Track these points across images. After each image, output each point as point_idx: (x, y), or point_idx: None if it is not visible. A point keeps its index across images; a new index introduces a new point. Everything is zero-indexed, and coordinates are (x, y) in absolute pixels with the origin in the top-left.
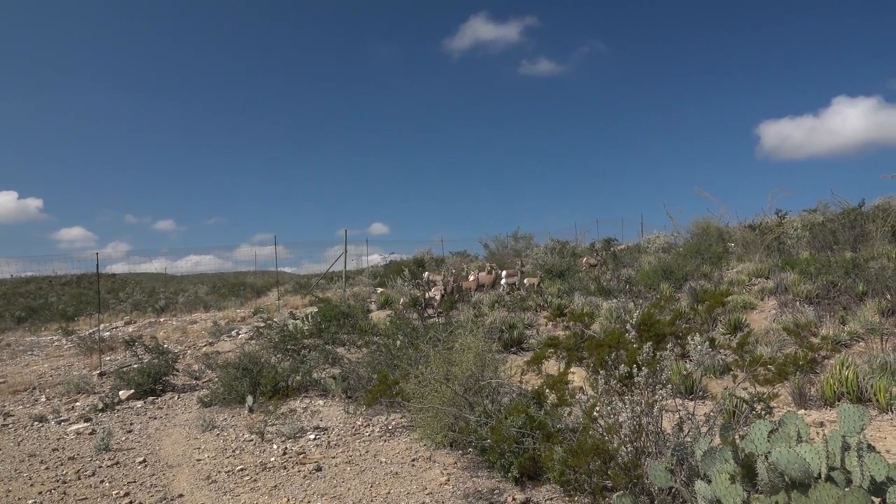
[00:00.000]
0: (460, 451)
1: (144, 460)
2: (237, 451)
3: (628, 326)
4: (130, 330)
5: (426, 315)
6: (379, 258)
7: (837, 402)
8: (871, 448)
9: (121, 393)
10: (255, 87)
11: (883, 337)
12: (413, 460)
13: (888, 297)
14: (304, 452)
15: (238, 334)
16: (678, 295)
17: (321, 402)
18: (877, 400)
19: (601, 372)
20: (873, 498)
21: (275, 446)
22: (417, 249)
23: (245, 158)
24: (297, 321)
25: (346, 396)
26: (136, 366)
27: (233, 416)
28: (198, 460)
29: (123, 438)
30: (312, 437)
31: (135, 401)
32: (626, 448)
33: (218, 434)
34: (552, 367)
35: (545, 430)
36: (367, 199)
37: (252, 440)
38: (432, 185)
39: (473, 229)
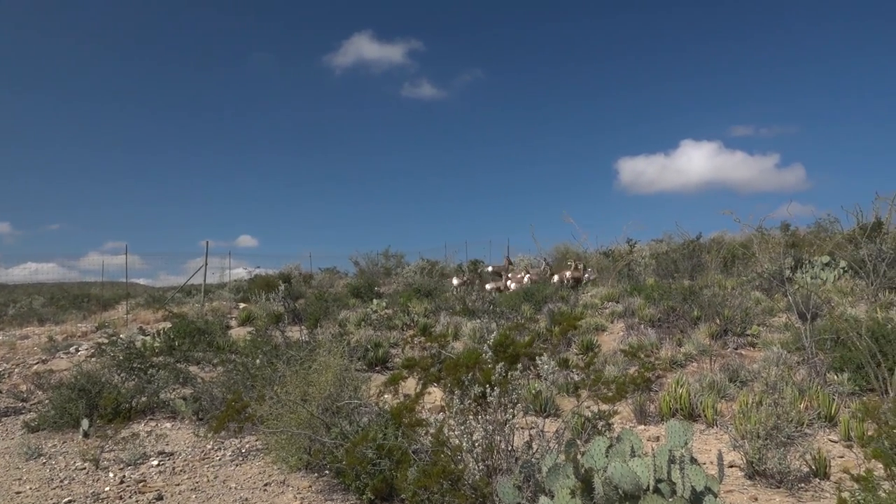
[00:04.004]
0: (316, 474)
1: None
2: (66, 481)
3: (485, 347)
4: None
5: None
6: (244, 272)
7: (673, 418)
8: (693, 461)
9: None
10: (112, 82)
11: (712, 358)
12: (266, 485)
13: (717, 321)
14: (145, 480)
15: (77, 351)
16: (538, 316)
17: (169, 426)
18: (705, 415)
19: (456, 392)
20: None
21: (111, 474)
22: (285, 264)
23: (96, 159)
24: (147, 337)
25: (198, 419)
26: None
27: (64, 443)
28: (17, 493)
29: None
30: (156, 463)
31: None
32: (478, 466)
33: (45, 462)
34: (411, 386)
35: (399, 452)
36: (235, 210)
37: (85, 468)
38: (305, 200)
39: (345, 246)
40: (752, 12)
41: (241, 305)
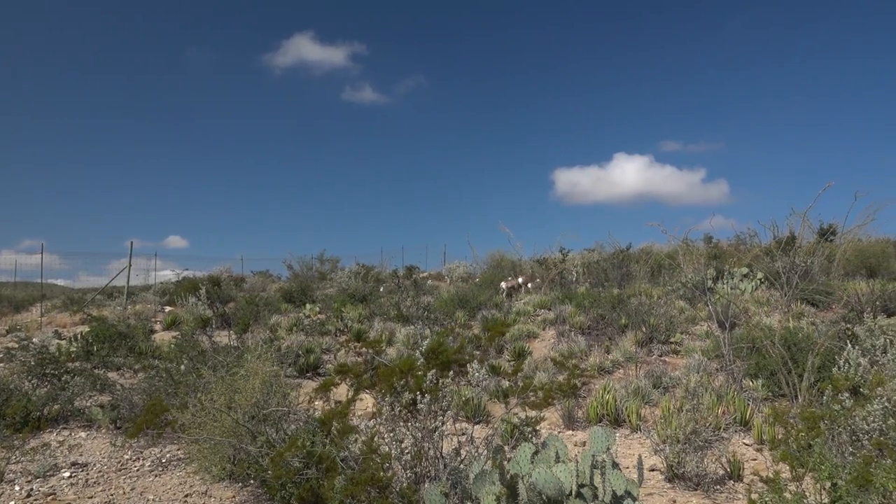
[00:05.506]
0: (240, 484)
1: None
2: None
3: (418, 353)
4: None
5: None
6: (171, 274)
7: (600, 423)
8: (615, 465)
9: None
10: (39, 75)
11: (637, 364)
12: (186, 496)
13: (643, 329)
14: (55, 493)
15: None
16: (472, 322)
17: (83, 435)
18: (629, 421)
19: (387, 399)
20: None
21: (17, 488)
22: (215, 267)
23: (15, 154)
24: (63, 341)
25: (115, 427)
26: None
27: None
28: None
29: None
30: (67, 474)
31: None
32: (406, 473)
33: None
34: (343, 393)
35: (327, 461)
36: (165, 210)
37: None
38: (239, 201)
39: (279, 249)
40: (681, 29)
41: (168, 309)
